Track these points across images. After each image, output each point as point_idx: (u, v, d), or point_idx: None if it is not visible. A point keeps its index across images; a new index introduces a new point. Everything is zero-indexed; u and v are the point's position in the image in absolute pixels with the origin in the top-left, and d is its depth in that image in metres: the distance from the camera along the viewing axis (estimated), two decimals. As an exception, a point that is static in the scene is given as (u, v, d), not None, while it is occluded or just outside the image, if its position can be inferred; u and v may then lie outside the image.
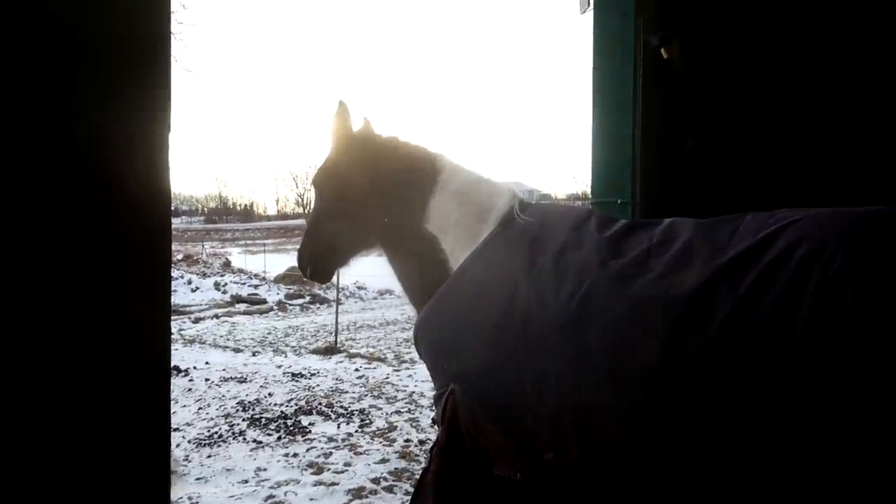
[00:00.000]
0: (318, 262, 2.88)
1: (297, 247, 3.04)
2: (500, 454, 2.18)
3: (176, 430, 5.86)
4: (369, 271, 3.77)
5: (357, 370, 8.59)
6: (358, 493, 4.54)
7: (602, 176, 4.44)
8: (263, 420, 6.33)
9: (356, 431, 5.93)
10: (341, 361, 9.20)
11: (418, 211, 2.55)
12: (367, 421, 6.23)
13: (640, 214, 4.18)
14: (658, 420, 1.91)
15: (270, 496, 4.46)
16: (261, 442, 5.69)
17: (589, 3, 4.65)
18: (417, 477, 2.50)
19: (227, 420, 6.36)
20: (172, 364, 5.39)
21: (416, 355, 9.16)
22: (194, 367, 8.68)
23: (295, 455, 5.31)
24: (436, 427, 2.68)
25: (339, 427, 6.07)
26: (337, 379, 8.06)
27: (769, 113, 5.74)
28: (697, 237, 2.07)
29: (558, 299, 2.10)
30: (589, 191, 4.90)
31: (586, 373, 2.00)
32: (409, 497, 2.90)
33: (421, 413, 6.48)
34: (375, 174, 2.66)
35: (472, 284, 2.33)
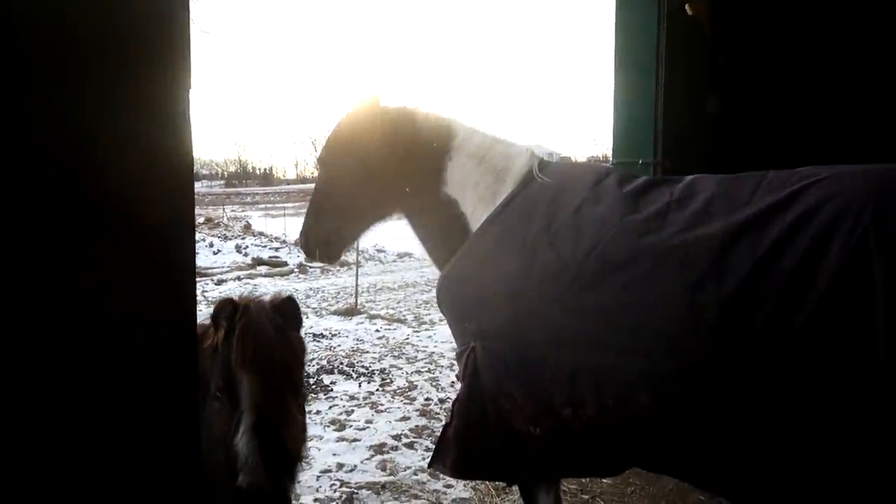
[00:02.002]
0: (328, 242, 2.83)
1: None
2: (520, 411, 2.22)
3: (202, 387, 6.01)
4: (388, 234, 3.79)
5: (377, 331, 8.70)
6: (379, 448, 4.65)
7: (623, 136, 4.39)
8: (286, 379, 6.45)
9: (377, 390, 6.04)
10: (362, 322, 9.32)
11: (437, 177, 2.57)
12: (388, 380, 6.34)
13: (662, 175, 4.14)
14: (675, 377, 1.92)
15: (294, 451, 4.58)
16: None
17: (612, -42, 4.53)
18: (438, 434, 2.56)
19: (251, 379, 6.50)
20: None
21: (435, 317, 9.27)
22: (218, 328, 8.83)
23: (318, 412, 5.44)
24: (456, 385, 2.73)
25: (360, 386, 6.18)
26: (358, 339, 8.18)
27: (796, 70, 5.59)
28: (718, 193, 2.04)
29: (576, 258, 2.10)
30: (609, 153, 4.86)
31: (603, 330, 2.01)
32: (429, 453, 2.97)
33: (440, 373, 6.57)
34: (393, 145, 2.63)
35: (492, 244, 2.35)
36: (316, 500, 3.91)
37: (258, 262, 16.45)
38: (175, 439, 1.22)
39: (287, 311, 1.91)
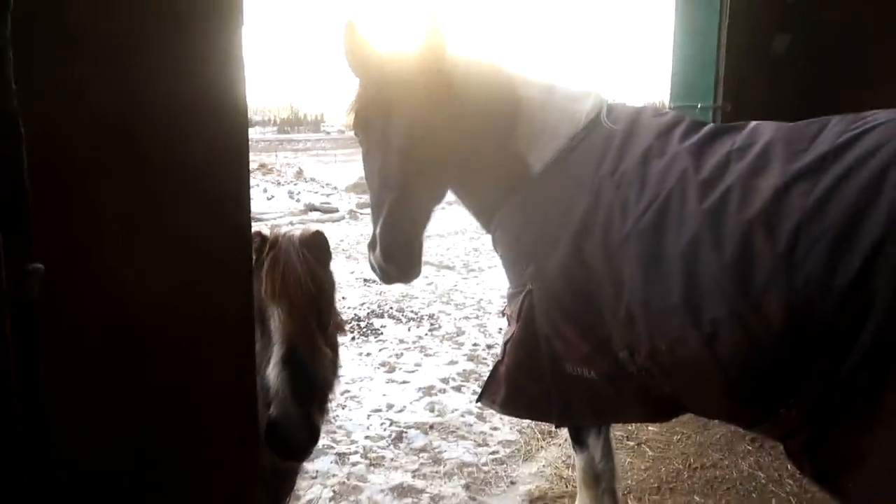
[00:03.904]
0: (412, 246, 2.26)
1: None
2: (575, 353, 2.25)
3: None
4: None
5: (426, 277, 8.79)
6: (428, 390, 4.77)
7: (682, 78, 4.21)
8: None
9: (426, 334, 6.15)
10: (411, 269, 9.42)
11: (504, 128, 2.42)
12: (437, 325, 6.44)
13: (723, 121, 3.97)
14: (725, 323, 1.91)
15: (346, 391, 4.74)
16: (337, 340, 5.99)
17: None
18: (485, 378, 2.60)
19: (305, 321, 6.69)
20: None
21: (483, 264, 9.30)
22: (272, 272, 9.06)
23: (368, 354, 5.59)
24: (501, 330, 2.74)
25: (409, 330, 6.31)
26: (407, 285, 8.30)
27: (869, 13, 5.21)
28: (778, 140, 2.02)
29: (639, 205, 2.11)
30: (667, 99, 4.68)
31: (659, 275, 2.03)
32: (476, 396, 3.02)
33: (488, 319, 6.63)
34: (458, 105, 2.32)
35: (556, 186, 2.32)
36: (367, 437, 4.06)
37: (310, 207, 16.71)
38: (233, 380, 1.27)
39: (316, 246, 1.87)
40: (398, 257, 2.22)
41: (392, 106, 2.25)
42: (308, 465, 3.54)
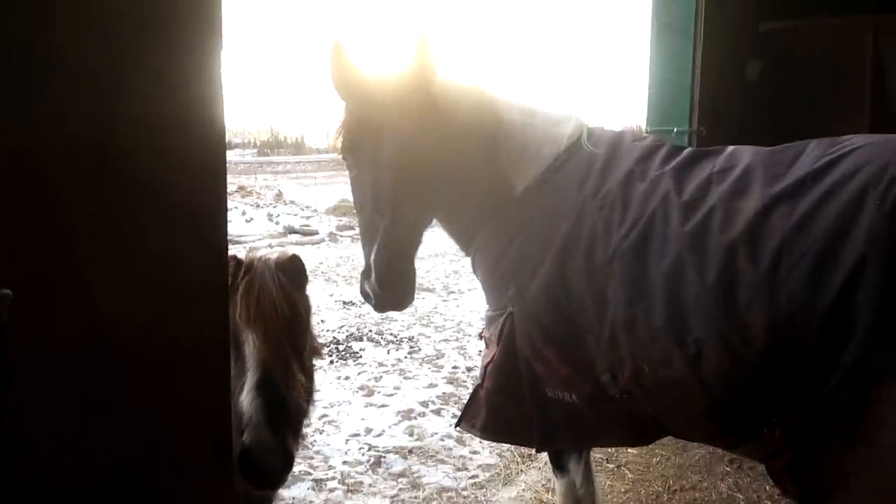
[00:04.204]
0: (407, 273, 2.24)
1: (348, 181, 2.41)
2: (555, 376, 2.24)
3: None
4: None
5: (406, 300, 8.76)
6: (407, 414, 4.72)
7: (659, 103, 4.29)
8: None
9: (405, 357, 6.11)
10: (391, 291, 9.38)
11: (487, 149, 2.42)
12: (416, 348, 6.40)
13: (699, 144, 4.05)
14: (707, 346, 1.93)
15: (323, 415, 4.68)
16: (313, 364, 5.93)
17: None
18: (465, 402, 2.58)
19: (283, 344, 6.61)
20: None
21: (463, 286, 9.29)
22: (250, 294, 8.96)
23: (347, 378, 5.53)
24: (481, 352, 2.74)
25: (388, 353, 6.26)
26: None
27: (839, 39, 5.37)
28: (758, 163, 2.05)
29: (623, 227, 2.12)
30: (643, 122, 4.76)
31: (643, 297, 2.04)
32: (456, 419, 3.00)
33: (468, 341, 6.61)
34: (445, 127, 2.30)
35: (538, 208, 2.33)
36: (345, 462, 4.00)
37: (289, 230, 16.62)
38: (208, 404, 1.25)
39: (292, 270, 1.86)
40: (395, 284, 2.21)
41: (380, 129, 2.24)
42: (284, 492, 3.47)
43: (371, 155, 2.26)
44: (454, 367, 5.79)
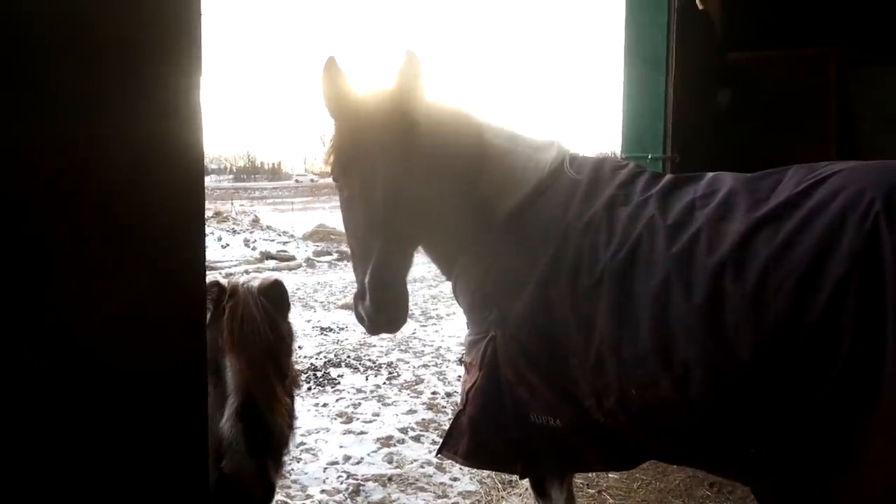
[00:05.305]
0: (402, 295, 2.22)
1: (328, 207, 2.45)
2: (539, 401, 2.23)
3: (210, 380, 6.04)
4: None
5: (384, 325, 8.71)
6: (386, 441, 4.67)
7: (633, 131, 4.37)
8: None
9: (384, 383, 6.06)
10: (369, 317, 9.32)
11: (472, 173, 2.43)
12: (395, 374, 6.35)
13: (672, 170, 4.13)
14: (695, 367, 1.94)
15: (301, 443, 4.61)
16: (294, 391, 5.85)
17: (622, -49, 4.52)
18: (444, 428, 2.56)
19: (259, 371, 6.52)
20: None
21: (442, 311, 9.28)
22: (226, 321, 8.86)
23: (325, 405, 5.46)
24: (460, 378, 2.73)
25: (367, 379, 6.20)
26: (365, 333, 8.19)
27: (807, 65, 5.55)
28: (741, 188, 2.09)
29: (608, 250, 2.13)
30: (618, 149, 4.85)
31: (630, 319, 2.05)
32: (436, 446, 2.98)
33: (447, 367, 6.58)
34: (427, 150, 2.30)
35: (520, 233, 2.33)
36: (323, 491, 3.93)
37: (266, 255, 16.50)
38: (183, 433, 1.23)
39: (274, 296, 1.86)
40: (390, 307, 2.19)
41: (370, 149, 2.24)
42: (261, 523, 3.40)
43: (361, 177, 2.26)
44: (433, 393, 5.75)
